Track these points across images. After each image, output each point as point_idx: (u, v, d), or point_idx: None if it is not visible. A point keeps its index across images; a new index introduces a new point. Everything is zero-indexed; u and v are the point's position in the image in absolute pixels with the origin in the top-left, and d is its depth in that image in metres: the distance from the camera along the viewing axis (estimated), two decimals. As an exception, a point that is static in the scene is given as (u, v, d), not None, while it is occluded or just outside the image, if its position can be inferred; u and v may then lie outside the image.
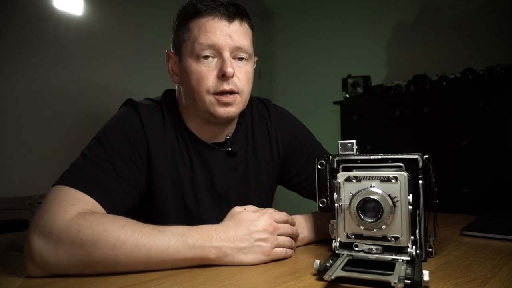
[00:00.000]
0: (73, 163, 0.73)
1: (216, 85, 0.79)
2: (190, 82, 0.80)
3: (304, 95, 3.63)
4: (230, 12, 0.79)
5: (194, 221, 0.79)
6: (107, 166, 0.72)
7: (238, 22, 0.81)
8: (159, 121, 0.84)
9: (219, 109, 0.80)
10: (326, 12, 3.55)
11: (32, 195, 2.19)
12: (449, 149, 2.32)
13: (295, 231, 0.73)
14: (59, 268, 0.60)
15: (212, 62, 0.79)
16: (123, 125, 0.80)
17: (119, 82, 2.73)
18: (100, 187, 0.69)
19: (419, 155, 0.64)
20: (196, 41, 0.78)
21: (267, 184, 0.97)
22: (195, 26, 0.79)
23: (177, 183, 0.85)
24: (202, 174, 0.87)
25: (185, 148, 0.86)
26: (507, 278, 0.57)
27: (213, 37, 0.78)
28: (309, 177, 0.98)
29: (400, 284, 0.47)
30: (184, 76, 0.83)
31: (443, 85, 2.45)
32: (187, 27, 0.81)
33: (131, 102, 0.85)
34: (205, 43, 0.78)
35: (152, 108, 0.85)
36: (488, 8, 2.63)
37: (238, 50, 0.81)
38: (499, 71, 2.19)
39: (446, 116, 2.38)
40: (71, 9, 2.56)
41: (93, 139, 0.78)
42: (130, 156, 0.77)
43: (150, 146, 0.80)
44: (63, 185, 0.67)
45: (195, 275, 0.59)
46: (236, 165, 0.91)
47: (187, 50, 0.81)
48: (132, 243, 0.60)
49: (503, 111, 2.16)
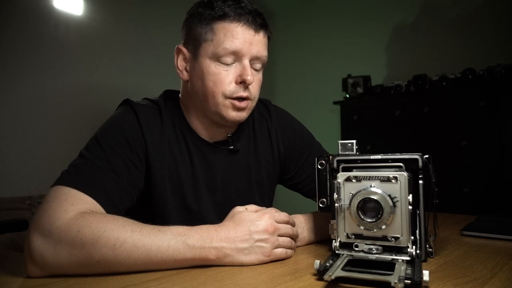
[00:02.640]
0: (72, 163, 0.73)
1: (234, 90, 0.81)
2: (206, 82, 0.81)
3: (304, 95, 3.63)
4: (258, 22, 0.81)
5: (195, 220, 0.80)
6: (106, 166, 0.72)
7: (263, 33, 0.83)
8: (157, 121, 0.84)
9: (232, 113, 0.82)
10: (326, 12, 3.55)
11: (32, 195, 2.19)
12: (449, 149, 2.32)
13: (295, 232, 0.73)
14: (59, 268, 0.60)
15: (231, 68, 0.81)
16: (121, 125, 0.80)
17: (119, 82, 2.72)
18: (99, 187, 0.69)
19: (419, 155, 0.64)
20: (222, 45, 0.79)
21: (268, 182, 0.97)
22: (221, 29, 0.79)
23: (177, 182, 0.85)
24: (203, 173, 0.87)
25: (185, 147, 0.86)
26: (507, 278, 0.57)
27: (239, 44, 0.79)
28: (309, 177, 0.99)
29: (400, 284, 0.47)
30: (198, 75, 0.82)
31: (443, 85, 2.44)
32: (211, 28, 0.80)
33: (129, 102, 0.85)
34: (230, 48, 0.79)
35: (149, 108, 0.85)
36: (488, 8, 2.63)
37: (257, 60, 0.83)
38: (499, 71, 2.19)
39: (446, 116, 2.38)
40: (71, 9, 2.56)
41: (91, 139, 0.78)
42: (129, 156, 0.77)
43: (148, 146, 0.80)
44: (62, 186, 0.67)
45: (195, 275, 0.59)
46: (237, 163, 0.92)
47: (208, 50, 0.80)
48: (132, 243, 0.60)
49: (503, 111, 2.15)
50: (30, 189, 2.21)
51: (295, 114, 1.07)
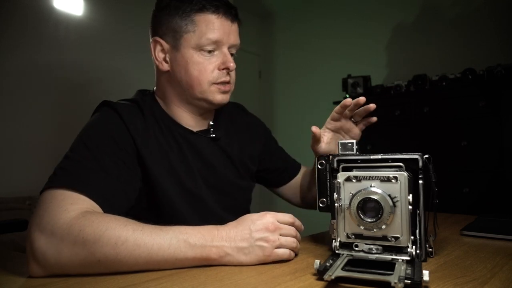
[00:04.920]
0: (58, 167, 0.72)
1: (217, 76, 0.88)
2: (190, 71, 0.86)
3: (304, 95, 3.63)
4: (233, 13, 0.90)
5: (199, 205, 0.87)
6: (94, 165, 0.72)
7: (237, 23, 0.92)
8: (139, 117, 0.85)
9: (218, 96, 0.89)
10: (326, 12, 3.55)
11: (32, 195, 2.19)
12: (449, 149, 2.32)
13: (298, 235, 0.72)
14: (61, 267, 0.60)
15: (213, 56, 0.88)
16: (105, 125, 0.80)
17: (119, 82, 2.72)
18: (91, 186, 0.68)
19: (419, 155, 0.64)
20: (204, 35, 0.85)
21: (250, 168, 1.04)
22: (202, 21, 0.85)
23: (172, 171, 0.86)
24: (193, 159, 0.90)
25: (172, 138, 0.89)
26: (507, 278, 0.57)
27: (219, 34, 0.86)
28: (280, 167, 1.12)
29: (400, 284, 0.47)
30: (181, 65, 0.87)
31: (443, 85, 2.44)
32: (192, 20, 0.85)
33: (108, 103, 0.86)
34: (213, 38, 0.85)
35: (129, 106, 0.86)
36: (488, 8, 2.63)
37: (233, 47, 0.91)
38: (499, 71, 2.19)
39: (446, 116, 2.38)
40: (71, 9, 2.56)
41: (75, 141, 0.77)
42: (117, 153, 0.76)
43: (137, 142, 0.81)
44: (55, 188, 0.66)
45: (195, 275, 0.59)
46: (220, 149, 0.96)
47: (190, 42, 0.85)
48: (133, 241, 0.60)
49: (503, 111, 2.15)
50: (30, 189, 2.21)
51: (295, 114, 1.09)
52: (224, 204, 0.94)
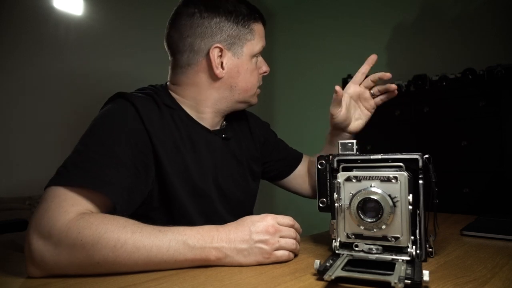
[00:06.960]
0: (68, 160, 0.68)
1: (260, 81, 0.97)
2: (249, 78, 0.91)
3: (304, 95, 3.63)
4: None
5: (207, 205, 0.86)
6: (106, 160, 0.68)
7: None
8: (155, 112, 0.82)
9: (256, 98, 0.97)
10: (326, 13, 3.55)
11: (32, 195, 2.19)
12: (449, 149, 2.32)
13: (298, 237, 0.72)
14: (59, 269, 0.60)
15: (257, 62, 0.94)
16: (120, 118, 0.77)
17: (119, 82, 2.72)
18: (104, 182, 0.66)
19: (419, 155, 0.64)
20: (259, 44, 0.91)
21: (256, 170, 1.05)
22: (257, 30, 0.91)
23: (185, 171, 0.83)
24: (206, 159, 0.89)
25: (186, 134, 0.86)
26: (507, 278, 0.57)
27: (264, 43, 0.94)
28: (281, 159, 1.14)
29: (400, 284, 0.47)
30: (240, 72, 0.90)
31: (443, 85, 2.44)
32: (251, 29, 0.90)
33: (123, 95, 0.82)
34: (263, 47, 0.93)
35: (144, 99, 0.83)
36: (488, 8, 2.63)
37: None
38: (499, 71, 2.19)
39: (446, 116, 2.38)
40: (71, 9, 2.56)
41: (86, 134, 0.74)
42: (132, 149, 0.73)
43: (152, 138, 0.78)
44: (60, 185, 0.64)
45: (195, 275, 0.59)
46: (230, 150, 0.97)
47: (251, 50, 0.90)
48: (132, 244, 0.59)
49: (503, 111, 2.15)
50: (30, 189, 2.21)
51: (295, 114, 1.09)
52: (229, 206, 0.92)
